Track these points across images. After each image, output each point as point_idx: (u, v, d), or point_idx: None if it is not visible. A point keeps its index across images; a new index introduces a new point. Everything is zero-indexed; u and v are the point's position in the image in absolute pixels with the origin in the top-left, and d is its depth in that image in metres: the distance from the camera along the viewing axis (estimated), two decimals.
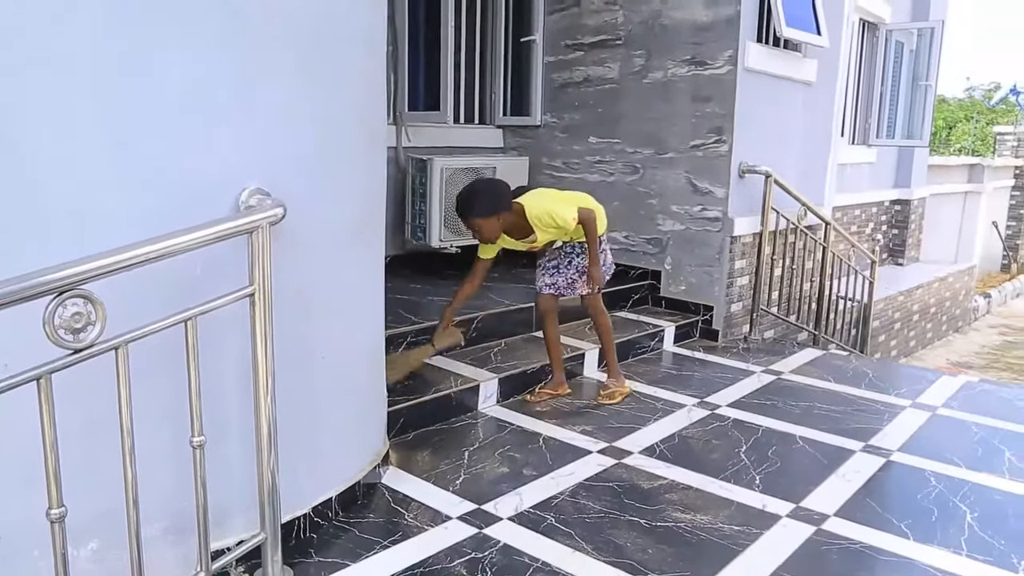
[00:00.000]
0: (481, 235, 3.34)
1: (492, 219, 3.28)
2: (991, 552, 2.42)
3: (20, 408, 1.49)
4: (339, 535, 2.39)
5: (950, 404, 3.84)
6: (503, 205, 3.30)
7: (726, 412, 3.59)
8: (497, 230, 3.32)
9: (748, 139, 4.71)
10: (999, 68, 55.11)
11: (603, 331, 3.72)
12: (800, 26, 4.88)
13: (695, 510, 2.63)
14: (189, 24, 1.89)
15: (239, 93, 2.01)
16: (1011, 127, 14.74)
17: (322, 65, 2.22)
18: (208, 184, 1.98)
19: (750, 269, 4.95)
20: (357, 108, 2.42)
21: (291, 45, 2.12)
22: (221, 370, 2.02)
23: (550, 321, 3.64)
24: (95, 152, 1.80)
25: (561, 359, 3.74)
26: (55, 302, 1.46)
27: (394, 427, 3.04)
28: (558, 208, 3.31)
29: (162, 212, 1.87)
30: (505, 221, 3.32)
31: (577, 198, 3.51)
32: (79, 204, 1.79)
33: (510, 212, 3.32)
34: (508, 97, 5.83)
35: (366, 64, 2.46)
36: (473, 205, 3.28)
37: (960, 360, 9.29)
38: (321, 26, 2.20)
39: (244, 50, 2.01)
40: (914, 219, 9.80)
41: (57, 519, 1.52)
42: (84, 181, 1.79)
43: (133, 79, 1.82)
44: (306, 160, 2.20)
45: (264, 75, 2.06)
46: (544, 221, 3.32)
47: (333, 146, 2.30)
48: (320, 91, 2.22)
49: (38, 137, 1.73)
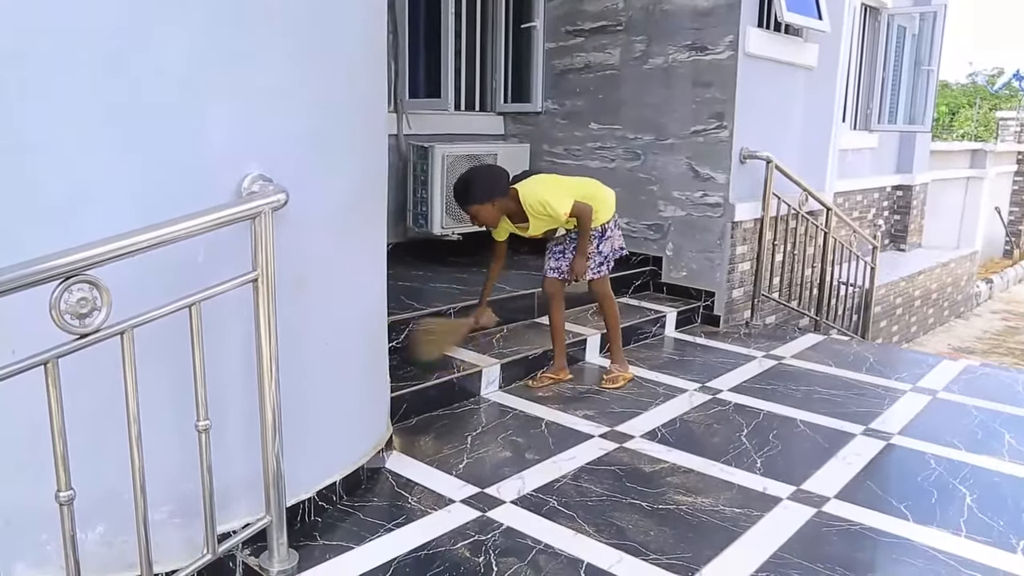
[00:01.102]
0: (478, 221, 3.39)
1: (487, 205, 3.31)
2: (990, 533, 2.44)
3: (27, 393, 1.50)
4: (343, 519, 2.41)
5: (950, 388, 3.85)
6: (498, 191, 3.32)
7: (727, 396, 3.61)
8: (494, 216, 3.35)
9: (749, 125, 4.71)
10: (1002, 53, 54.84)
11: (608, 316, 3.72)
12: (801, 11, 4.86)
13: (696, 493, 2.65)
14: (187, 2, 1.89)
15: (238, 73, 2.01)
16: (1014, 112, 14.71)
17: (322, 46, 2.22)
18: (209, 165, 1.98)
19: (751, 255, 4.96)
20: (358, 89, 2.42)
21: (291, 26, 2.11)
22: (225, 354, 2.04)
23: (555, 305, 3.66)
24: (95, 134, 1.81)
25: (564, 344, 3.75)
26: (61, 287, 1.48)
27: (397, 412, 3.06)
28: (551, 198, 3.30)
29: (162, 192, 1.89)
30: (502, 207, 3.34)
31: (581, 185, 3.51)
32: (80, 187, 1.80)
33: (507, 198, 3.34)
34: (509, 84, 5.82)
35: (366, 45, 2.45)
36: (468, 192, 3.31)
37: (962, 345, 9.31)
38: (321, 5, 2.20)
39: (243, 29, 2.01)
40: (916, 205, 9.80)
41: (66, 502, 1.54)
42: (84, 163, 1.80)
43: (133, 58, 1.82)
44: (307, 142, 2.20)
45: (263, 55, 2.06)
46: (536, 209, 3.32)
47: (334, 127, 2.30)
48: (320, 72, 2.22)
49: (37, 120, 1.74)
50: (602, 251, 3.56)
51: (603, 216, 3.51)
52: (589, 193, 3.47)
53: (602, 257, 3.57)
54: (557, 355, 3.74)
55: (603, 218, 3.51)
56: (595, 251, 3.53)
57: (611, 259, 3.62)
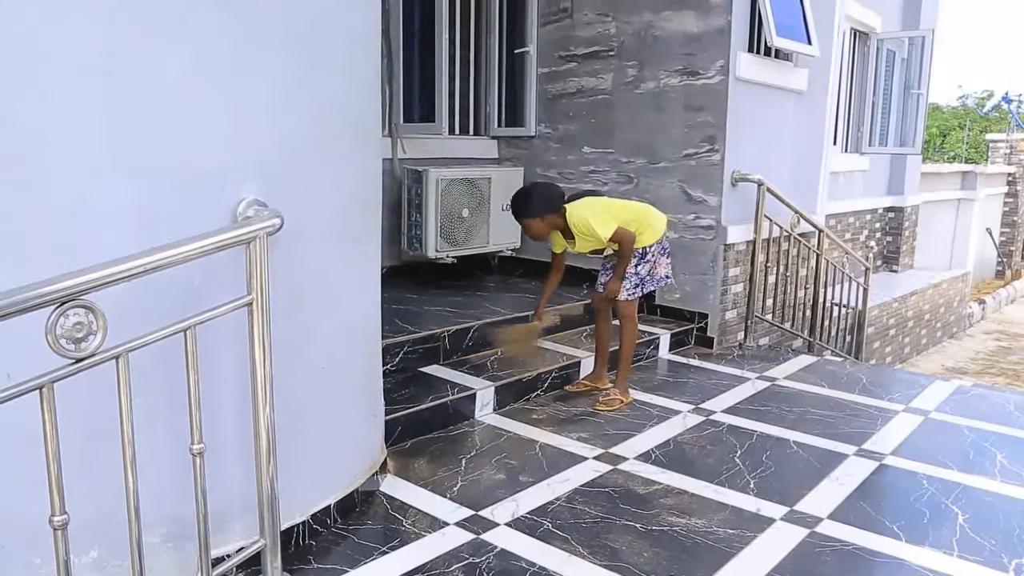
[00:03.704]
0: (528, 233, 3.64)
1: (537, 220, 3.55)
2: (982, 552, 2.45)
3: (22, 416, 1.51)
4: (338, 542, 2.41)
5: (943, 408, 3.87)
6: (550, 208, 3.55)
7: (721, 418, 3.62)
8: (543, 230, 3.59)
9: (740, 148, 4.76)
10: (991, 75, 55.44)
11: (625, 339, 3.80)
12: (791, 36, 4.93)
13: (690, 514, 2.66)
14: (186, 19, 1.92)
15: (236, 93, 2.04)
16: (1003, 135, 14.82)
17: (318, 68, 2.25)
18: (205, 184, 2.00)
19: (744, 276, 4.99)
20: (352, 111, 2.46)
21: (289, 48, 2.15)
22: (219, 376, 2.05)
23: (601, 317, 3.90)
24: (92, 148, 1.82)
25: (606, 354, 3.92)
26: (57, 312, 1.49)
27: (392, 435, 3.06)
28: (596, 221, 3.50)
29: (157, 208, 1.91)
30: (551, 223, 3.58)
31: (630, 209, 3.69)
32: (77, 201, 1.82)
33: (556, 215, 3.56)
34: (502, 108, 5.88)
35: (362, 69, 2.49)
36: (521, 205, 3.58)
37: (955, 366, 9.33)
38: (316, 29, 2.24)
39: (241, 53, 2.04)
40: (908, 226, 9.86)
41: (60, 526, 1.54)
42: (83, 178, 1.82)
43: (129, 72, 1.85)
44: (302, 162, 2.22)
45: (260, 76, 2.09)
46: (580, 228, 3.54)
47: (329, 149, 2.33)
48: (315, 94, 2.25)
49: (36, 132, 1.75)
50: (639, 272, 3.69)
51: (647, 239, 3.66)
52: (637, 217, 3.65)
53: (639, 279, 3.70)
54: (598, 364, 3.94)
55: (646, 241, 3.66)
56: (633, 272, 3.68)
57: (648, 284, 3.75)
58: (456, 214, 4.98)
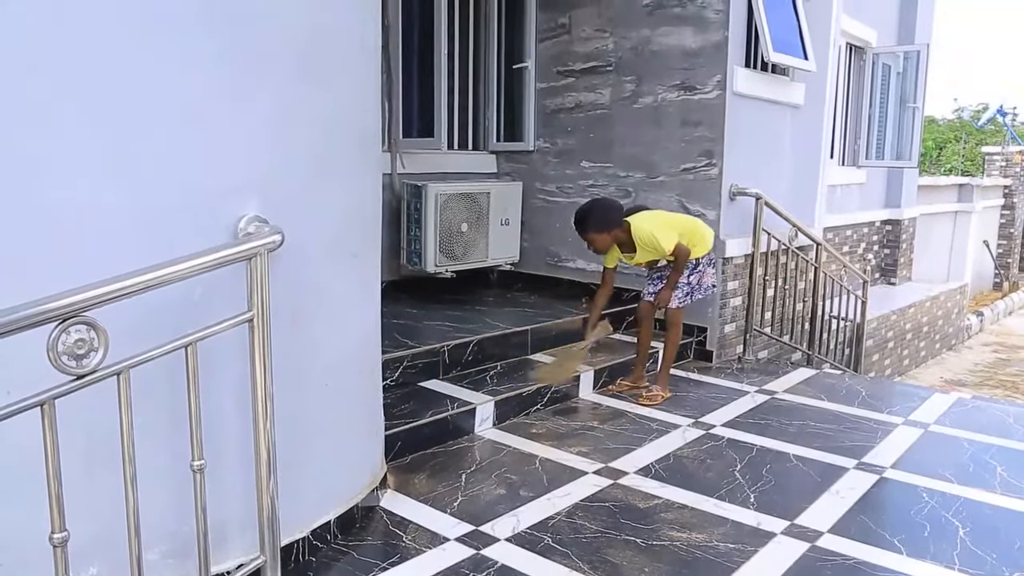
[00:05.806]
0: (594, 247, 3.89)
1: (604, 234, 3.81)
2: (983, 566, 2.44)
3: (21, 434, 1.51)
4: (338, 558, 2.40)
5: (942, 421, 3.87)
6: (614, 223, 3.82)
7: (721, 432, 3.62)
8: (607, 243, 3.86)
9: (738, 162, 4.78)
10: (986, 89, 55.72)
11: (669, 342, 4.13)
12: (787, 51, 4.96)
13: (690, 528, 2.65)
14: (186, 37, 1.94)
15: (238, 108, 2.05)
16: (999, 147, 14.88)
17: (318, 84, 2.26)
18: (204, 199, 2.01)
19: (743, 290, 5.00)
20: (352, 127, 2.47)
21: (289, 66, 2.17)
22: (220, 392, 2.05)
23: (644, 325, 4.19)
24: (94, 167, 1.83)
25: (646, 357, 4.24)
26: (59, 329, 1.50)
27: (391, 450, 3.06)
28: (661, 234, 3.79)
29: (159, 225, 1.92)
30: (615, 237, 3.84)
31: (683, 223, 3.99)
32: (79, 218, 1.82)
33: (619, 229, 3.83)
34: (501, 123, 5.90)
35: (362, 85, 2.51)
36: (587, 221, 3.82)
37: (954, 378, 9.33)
38: (318, 38, 2.25)
39: (242, 69, 2.06)
40: (905, 239, 9.89)
41: (60, 543, 1.54)
42: (84, 196, 1.82)
43: (130, 90, 1.86)
44: (303, 177, 2.24)
45: (261, 93, 2.10)
46: (645, 241, 3.81)
47: (329, 164, 2.34)
48: (315, 110, 2.27)
49: (37, 151, 1.76)
50: (690, 282, 4.02)
51: (698, 252, 3.97)
52: (689, 230, 3.95)
53: (689, 288, 4.04)
54: (638, 366, 4.23)
55: (698, 253, 3.98)
56: (684, 282, 4.00)
57: (696, 294, 4.09)
58: (455, 229, 4.99)
